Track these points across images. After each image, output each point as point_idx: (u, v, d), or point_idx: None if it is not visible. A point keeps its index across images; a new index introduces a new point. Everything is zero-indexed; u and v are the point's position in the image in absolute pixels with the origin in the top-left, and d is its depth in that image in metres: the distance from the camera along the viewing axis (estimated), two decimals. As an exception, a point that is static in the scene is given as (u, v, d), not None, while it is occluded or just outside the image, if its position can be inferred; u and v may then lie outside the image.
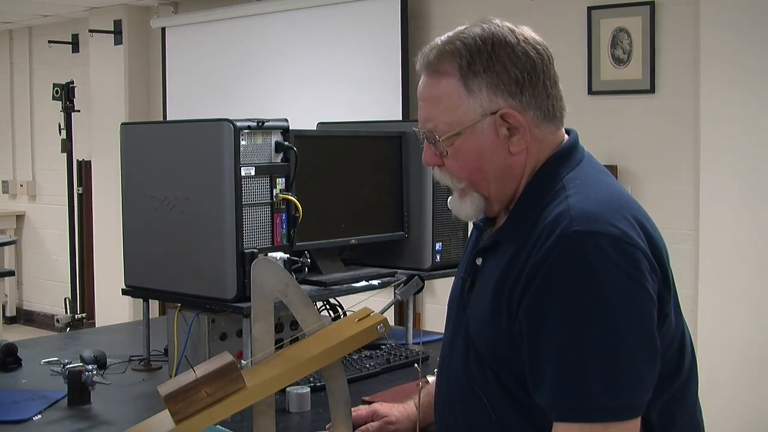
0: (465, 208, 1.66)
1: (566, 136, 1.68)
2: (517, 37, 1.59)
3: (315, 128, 3.03)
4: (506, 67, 1.57)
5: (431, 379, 2.04)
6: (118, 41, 7.10)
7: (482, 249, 1.67)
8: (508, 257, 1.57)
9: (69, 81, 6.33)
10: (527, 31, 1.62)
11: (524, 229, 1.57)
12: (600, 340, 1.43)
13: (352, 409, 1.92)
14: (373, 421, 1.95)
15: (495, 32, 1.58)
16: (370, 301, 1.91)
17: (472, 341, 1.63)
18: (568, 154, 1.64)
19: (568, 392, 1.44)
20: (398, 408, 1.97)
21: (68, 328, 6.15)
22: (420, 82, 1.65)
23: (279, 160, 2.41)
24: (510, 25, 1.61)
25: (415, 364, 1.99)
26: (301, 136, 2.49)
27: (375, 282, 2.62)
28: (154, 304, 3.64)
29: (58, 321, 6.48)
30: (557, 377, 1.45)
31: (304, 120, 2.91)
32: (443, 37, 1.62)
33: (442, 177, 1.67)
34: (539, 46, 1.61)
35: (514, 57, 1.57)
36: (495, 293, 1.57)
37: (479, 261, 1.67)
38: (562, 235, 1.47)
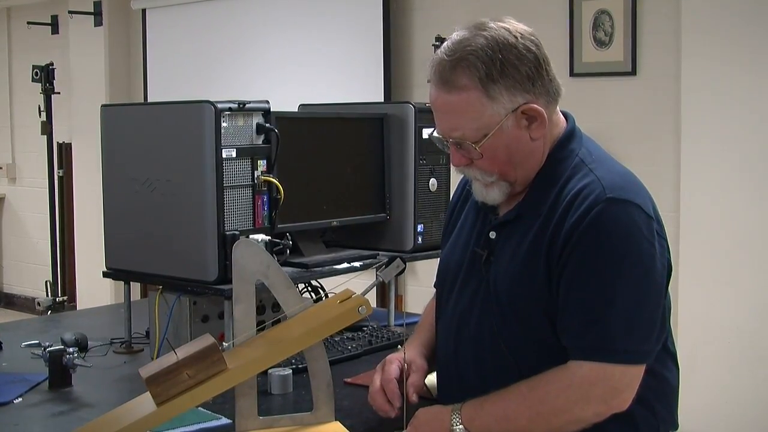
0: (493, 194, 1.81)
1: (563, 116, 1.85)
2: (515, 36, 1.72)
3: (297, 110, 3.02)
4: (517, 68, 1.71)
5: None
6: (98, 23, 7.03)
7: (501, 223, 1.82)
8: (537, 225, 1.74)
9: (48, 63, 6.26)
10: (518, 25, 1.75)
11: (547, 200, 1.75)
12: (627, 294, 1.65)
13: (383, 366, 1.93)
14: (404, 374, 1.90)
15: (497, 37, 1.71)
16: (351, 283, 1.92)
17: (497, 301, 1.78)
18: (574, 133, 1.83)
19: (595, 334, 1.65)
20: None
21: (49, 311, 6.10)
22: (435, 95, 1.75)
23: (260, 142, 2.40)
24: (503, 24, 1.73)
25: (399, 346, 2.00)
26: (283, 117, 2.48)
27: (357, 264, 2.62)
28: (136, 287, 3.62)
29: (39, 304, 6.44)
30: (587, 321, 1.66)
31: (287, 102, 2.90)
32: (447, 50, 1.72)
33: (470, 173, 1.81)
34: (532, 37, 1.74)
35: (520, 56, 1.71)
36: (529, 255, 1.74)
37: (493, 235, 1.83)
38: (597, 200, 1.68)
